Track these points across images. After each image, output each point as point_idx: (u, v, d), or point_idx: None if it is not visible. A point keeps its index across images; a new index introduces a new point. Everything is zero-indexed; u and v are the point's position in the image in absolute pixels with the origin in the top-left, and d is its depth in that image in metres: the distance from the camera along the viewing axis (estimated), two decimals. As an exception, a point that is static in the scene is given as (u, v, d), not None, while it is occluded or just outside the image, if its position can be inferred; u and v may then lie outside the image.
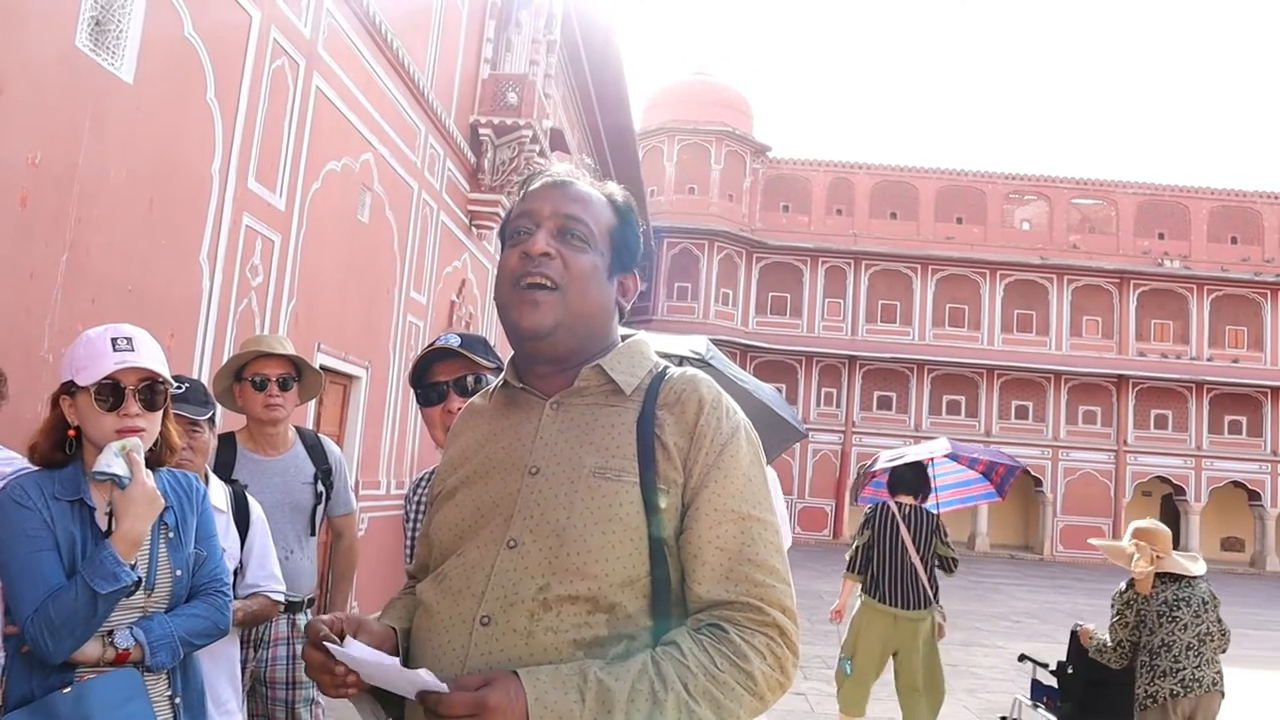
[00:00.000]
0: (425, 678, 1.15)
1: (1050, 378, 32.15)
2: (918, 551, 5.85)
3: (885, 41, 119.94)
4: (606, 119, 18.61)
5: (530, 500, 1.31)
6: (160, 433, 2.16)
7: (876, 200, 33.42)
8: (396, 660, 1.21)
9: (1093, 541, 6.23)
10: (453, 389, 2.31)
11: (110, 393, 2.04)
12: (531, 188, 1.44)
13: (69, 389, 2.07)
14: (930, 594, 5.86)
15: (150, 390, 2.09)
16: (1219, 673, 4.39)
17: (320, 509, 3.57)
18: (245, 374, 3.39)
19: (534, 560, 1.26)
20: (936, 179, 33.42)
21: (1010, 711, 6.01)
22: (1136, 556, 4.58)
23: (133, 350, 2.06)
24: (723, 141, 32.25)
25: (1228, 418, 32.02)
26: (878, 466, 6.61)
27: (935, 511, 6.24)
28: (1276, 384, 30.88)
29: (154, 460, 2.16)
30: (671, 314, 30.91)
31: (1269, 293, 32.17)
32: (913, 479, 6.18)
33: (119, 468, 1.98)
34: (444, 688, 1.14)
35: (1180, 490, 31.74)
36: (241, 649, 3.12)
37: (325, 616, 1.31)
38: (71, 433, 2.08)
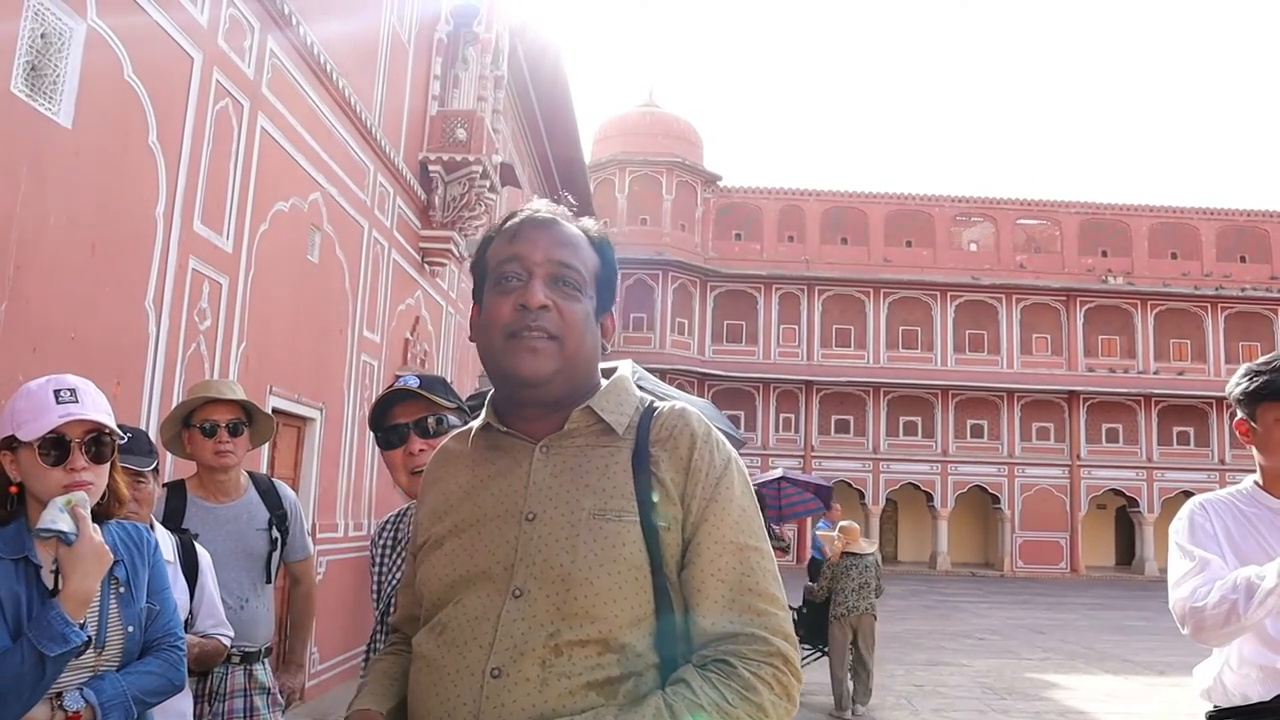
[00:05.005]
0: None
1: (1003, 396, 32.61)
2: None
3: (832, 69, 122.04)
4: (557, 152, 18.67)
5: (531, 547, 1.29)
6: (109, 485, 2.08)
7: (827, 226, 33.81)
8: None
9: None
10: (413, 431, 2.27)
11: (55, 447, 1.96)
12: (516, 227, 1.40)
13: (10, 444, 1.99)
14: None
15: (97, 442, 2.02)
16: (870, 604, 8.45)
17: (276, 555, 3.50)
18: (194, 420, 3.32)
19: (541, 607, 1.25)
20: (885, 204, 33.92)
21: None
22: (837, 541, 8.65)
23: (77, 402, 1.98)
24: (673, 172, 32.48)
25: (1176, 429, 32.67)
26: None
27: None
28: (1220, 395, 31.20)
29: (102, 513, 2.08)
30: (628, 345, 30.93)
31: (1209, 306, 32.99)
32: None
33: (64, 524, 1.90)
34: None
35: (1134, 502, 32.27)
36: (196, 702, 3.04)
37: None
38: (14, 489, 2.00)
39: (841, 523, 8.91)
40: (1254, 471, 2.51)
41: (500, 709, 1.22)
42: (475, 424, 1.47)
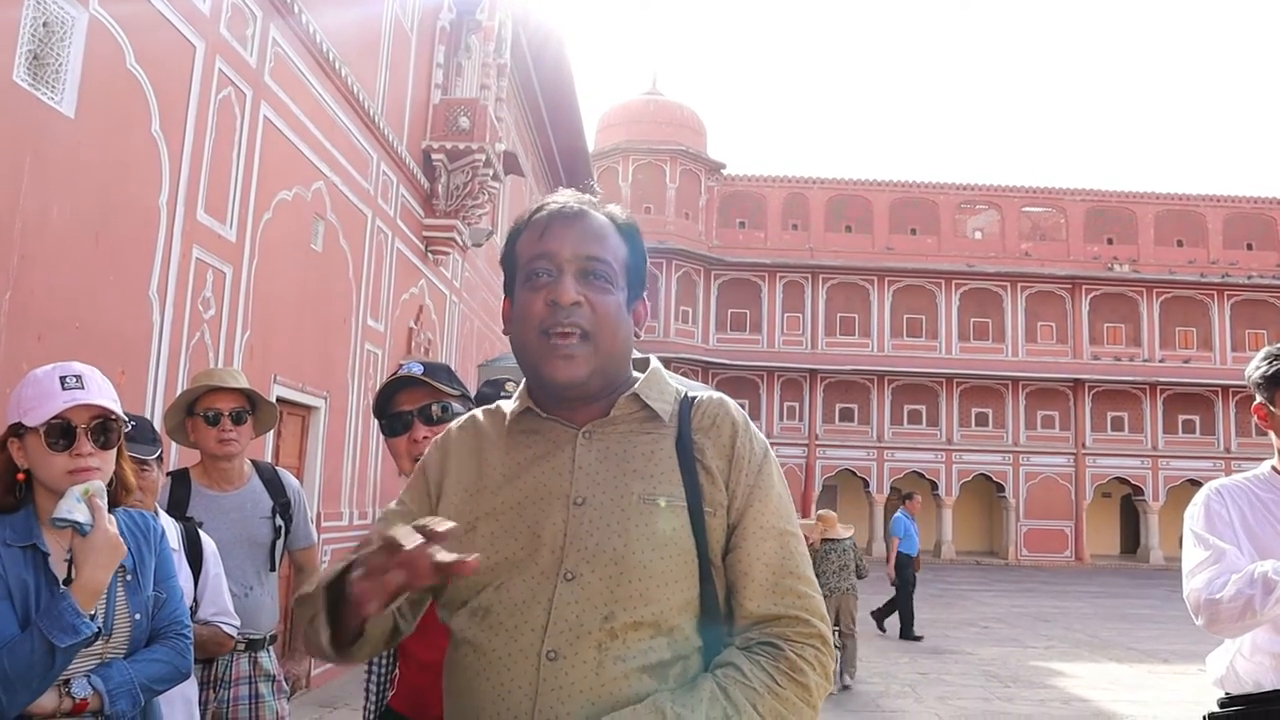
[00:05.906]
0: None
1: (1008, 384, 32.56)
2: None
3: (837, 57, 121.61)
4: (560, 141, 18.65)
5: (582, 531, 1.30)
6: (115, 472, 2.09)
7: (831, 214, 33.74)
8: None
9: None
10: (417, 418, 2.29)
11: (61, 433, 1.97)
12: (545, 222, 1.39)
13: (17, 431, 2.00)
14: None
15: (103, 428, 2.02)
16: (851, 585, 9.25)
17: (280, 543, 3.51)
18: (197, 409, 3.33)
19: (595, 591, 1.27)
20: (890, 191, 33.83)
21: None
22: (813, 525, 9.35)
23: (83, 388, 1.99)
24: (677, 160, 32.41)
25: (1181, 417, 32.60)
26: None
27: None
28: (1226, 383, 31.48)
29: (109, 500, 2.08)
30: (632, 333, 30.90)
31: (1215, 293, 32.88)
32: None
33: (81, 514, 1.90)
34: None
35: (1139, 490, 32.24)
36: (202, 689, 3.05)
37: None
38: (21, 476, 2.00)
39: (820, 511, 9.97)
40: (1266, 459, 2.50)
41: (558, 691, 1.23)
42: (509, 406, 1.45)
